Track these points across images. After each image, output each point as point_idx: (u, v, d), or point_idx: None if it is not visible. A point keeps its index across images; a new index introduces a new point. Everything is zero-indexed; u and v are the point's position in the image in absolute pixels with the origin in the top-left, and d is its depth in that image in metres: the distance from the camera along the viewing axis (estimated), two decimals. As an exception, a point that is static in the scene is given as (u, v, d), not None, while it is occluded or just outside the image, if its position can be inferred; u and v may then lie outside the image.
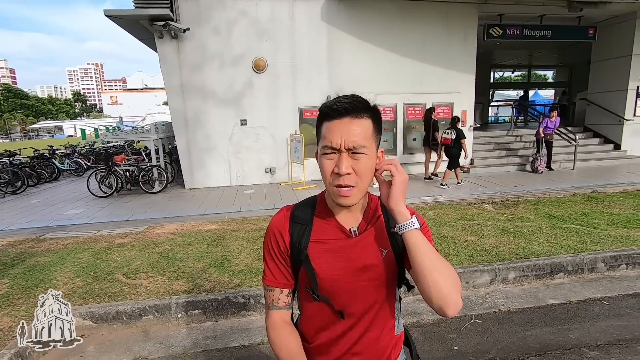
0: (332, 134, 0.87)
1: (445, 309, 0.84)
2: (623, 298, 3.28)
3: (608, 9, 9.52)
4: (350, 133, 0.86)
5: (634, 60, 10.10)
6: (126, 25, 8.34)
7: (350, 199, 0.89)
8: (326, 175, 0.90)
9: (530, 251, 3.91)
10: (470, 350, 2.61)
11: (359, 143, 0.86)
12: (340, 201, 0.90)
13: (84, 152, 14.08)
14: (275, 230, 1.00)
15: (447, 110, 9.33)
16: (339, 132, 0.86)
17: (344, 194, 0.88)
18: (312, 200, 1.03)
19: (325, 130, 0.89)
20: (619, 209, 5.51)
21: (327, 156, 0.89)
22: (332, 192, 0.91)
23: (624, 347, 2.58)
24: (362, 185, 0.89)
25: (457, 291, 0.85)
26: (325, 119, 0.90)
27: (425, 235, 0.94)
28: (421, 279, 0.85)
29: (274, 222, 1.02)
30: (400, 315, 1.10)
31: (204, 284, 3.38)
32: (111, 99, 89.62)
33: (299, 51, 8.56)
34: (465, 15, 9.05)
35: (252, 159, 8.82)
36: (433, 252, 0.86)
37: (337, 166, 0.87)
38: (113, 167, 8.13)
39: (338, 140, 0.86)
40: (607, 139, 10.98)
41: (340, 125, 0.87)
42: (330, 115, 0.89)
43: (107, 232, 5.28)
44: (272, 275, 1.00)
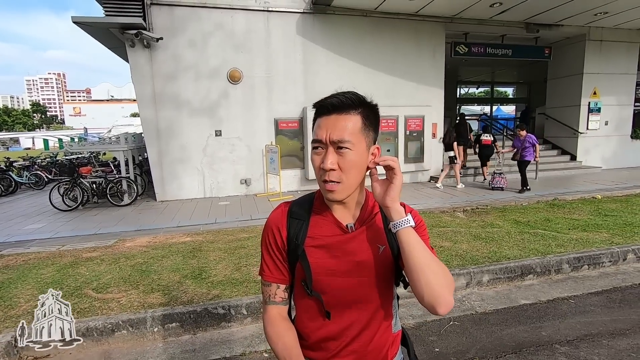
0: (319, 129, 0.91)
1: (436, 307, 0.84)
2: (587, 296, 3.49)
3: (561, 31, 10.37)
4: (336, 128, 0.88)
5: (585, 78, 10.98)
6: (95, 33, 8.12)
7: (336, 194, 0.91)
8: (315, 170, 0.93)
9: (501, 255, 4.08)
10: (450, 351, 2.67)
11: (344, 138, 0.87)
12: (327, 196, 0.92)
13: (44, 164, 13.31)
14: (273, 225, 1.01)
15: (418, 123, 9.67)
16: (325, 127, 0.89)
17: (329, 188, 0.90)
18: (310, 197, 1.05)
19: (316, 125, 0.93)
20: (578, 214, 5.89)
21: (315, 151, 0.92)
22: (321, 187, 0.93)
23: (591, 341, 2.73)
24: (348, 182, 0.90)
25: (450, 290, 0.86)
26: (317, 115, 0.94)
27: (422, 233, 0.96)
28: (414, 276, 0.86)
29: (272, 218, 1.03)
30: (398, 314, 1.09)
31: (181, 296, 3.27)
32: (74, 110, 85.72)
33: (275, 63, 8.64)
34: (434, 33, 9.52)
35: (227, 170, 8.70)
36: (426, 251, 0.87)
37: (323, 161, 0.90)
38: (78, 179, 7.74)
39: (324, 134, 0.89)
40: (564, 151, 11.76)
41: (328, 121, 0.90)
42: (320, 112, 0.92)
43: (72, 247, 4.98)
44: (269, 271, 1.01)
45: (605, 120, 11.42)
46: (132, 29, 7.36)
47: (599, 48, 10.92)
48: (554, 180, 9.56)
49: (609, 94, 11.27)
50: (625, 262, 4.20)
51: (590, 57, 10.87)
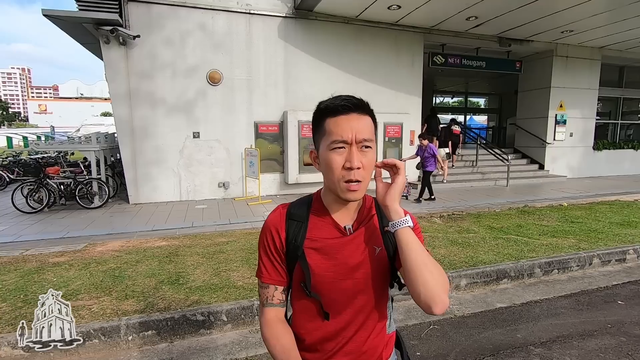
0: (341, 129, 0.89)
1: (432, 307, 0.85)
2: (558, 299, 3.64)
3: (531, 46, 10.92)
4: (360, 127, 0.89)
5: (552, 91, 11.59)
6: (67, 28, 7.76)
7: (358, 193, 0.92)
8: (335, 170, 0.91)
9: (477, 260, 4.20)
10: (431, 355, 2.71)
11: (369, 137, 0.90)
12: (349, 196, 0.92)
13: (6, 163, 12.55)
14: (271, 227, 1.00)
15: (397, 130, 9.85)
16: (348, 126, 0.89)
17: (353, 188, 0.90)
18: (308, 198, 1.05)
19: (332, 125, 0.91)
20: (547, 221, 6.17)
21: (337, 151, 0.90)
22: (341, 187, 0.91)
23: (563, 342, 2.85)
24: (366, 181, 0.92)
25: (445, 290, 0.87)
26: (328, 115, 0.92)
27: (417, 235, 0.97)
28: (411, 276, 0.87)
29: (270, 219, 1.02)
30: (392, 315, 1.11)
31: (158, 303, 3.14)
32: (39, 107, 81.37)
33: (255, 66, 8.57)
34: (413, 42, 9.77)
35: (204, 173, 8.51)
36: (424, 251, 0.89)
37: (349, 160, 0.89)
38: (45, 180, 7.33)
39: (349, 134, 0.89)
40: (533, 160, 12.32)
41: (349, 120, 0.89)
42: (336, 112, 0.91)
43: (37, 251, 4.70)
44: (267, 273, 1.00)
45: (570, 131, 12.08)
46: (107, 25, 7.10)
47: (565, 63, 11.56)
48: (523, 188, 9.98)
49: (573, 107, 11.94)
50: (591, 267, 4.42)
51: (557, 71, 11.49)
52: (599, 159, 12.75)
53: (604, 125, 13.88)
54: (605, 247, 4.72)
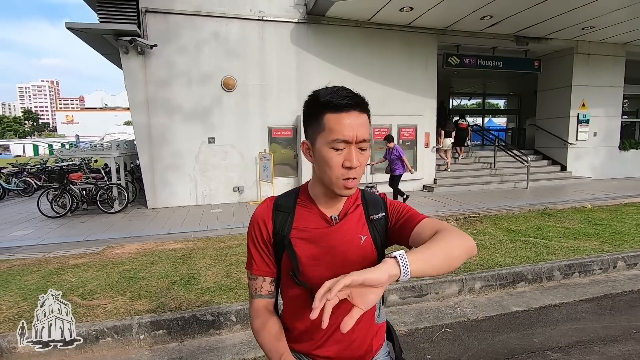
0: (343, 127, 0.88)
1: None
2: (578, 303, 3.49)
3: (550, 44, 10.61)
4: (360, 126, 0.89)
5: (573, 90, 11.21)
6: (89, 39, 8.11)
7: (353, 189, 0.94)
8: (334, 168, 0.90)
9: (493, 262, 4.08)
10: (442, 359, 2.63)
11: (367, 137, 0.91)
12: (345, 193, 0.94)
13: (34, 170, 13.11)
14: (259, 218, 1.01)
15: (411, 132, 9.75)
16: (350, 126, 0.88)
17: (349, 185, 0.92)
18: (295, 190, 1.06)
19: (333, 123, 0.88)
20: (568, 223, 5.93)
21: (337, 149, 0.89)
22: (338, 185, 0.92)
23: (583, 348, 2.72)
24: (360, 177, 0.95)
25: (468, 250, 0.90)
26: (329, 110, 0.89)
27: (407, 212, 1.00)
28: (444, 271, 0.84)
29: (257, 212, 1.03)
30: (382, 305, 1.12)
31: (169, 303, 3.20)
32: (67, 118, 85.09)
33: (269, 71, 8.69)
34: (426, 44, 9.67)
35: (219, 177, 8.65)
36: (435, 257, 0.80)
37: (348, 159, 0.89)
38: (68, 186, 7.63)
39: (351, 134, 0.88)
40: (555, 161, 11.92)
41: (351, 119, 0.88)
42: (338, 108, 0.88)
43: (59, 254, 4.87)
44: (255, 264, 1.02)
45: (593, 131, 11.63)
46: (126, 35, 7.37)
47: (586, 61, 11.18)
48: (544, 190, 9.65)
49: (597, 106, 11.50)
50: (615, 270, 4.22)
51: (578, 70, 11.11)
52: (626, 159, 12.21)
53: (630, 124, 13.31)
54: (631, 249, 4.49)
